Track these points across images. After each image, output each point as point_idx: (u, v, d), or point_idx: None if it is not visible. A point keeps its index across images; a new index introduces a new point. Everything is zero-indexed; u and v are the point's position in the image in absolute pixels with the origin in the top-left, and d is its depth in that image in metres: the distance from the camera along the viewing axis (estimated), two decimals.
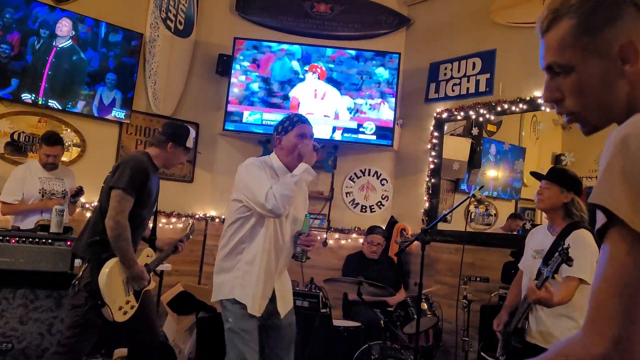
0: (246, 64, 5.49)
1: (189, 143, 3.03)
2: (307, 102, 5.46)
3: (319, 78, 5.49)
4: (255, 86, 5.48)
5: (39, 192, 4.02)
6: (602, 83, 0.90)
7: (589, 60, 0.91)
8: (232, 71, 5.47)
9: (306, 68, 5.49)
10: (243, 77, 5.50)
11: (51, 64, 4.72)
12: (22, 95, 4.59)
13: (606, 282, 0.75)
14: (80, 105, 4.89)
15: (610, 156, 0.77)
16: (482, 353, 3.47)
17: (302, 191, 2.70)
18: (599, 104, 0.92)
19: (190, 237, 3.31)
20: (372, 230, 4.75)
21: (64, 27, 4.78)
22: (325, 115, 5.42)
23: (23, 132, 4.69)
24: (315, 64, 5.50)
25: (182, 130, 3.03)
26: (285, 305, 2.66)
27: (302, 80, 5.50)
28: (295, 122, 2.64)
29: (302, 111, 5.38)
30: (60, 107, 4.78)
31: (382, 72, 5.49)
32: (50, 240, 3.26)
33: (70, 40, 4.82)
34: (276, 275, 2.61)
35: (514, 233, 4.93)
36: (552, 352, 0.82)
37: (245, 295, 2.47)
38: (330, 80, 5.49)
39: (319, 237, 2.86)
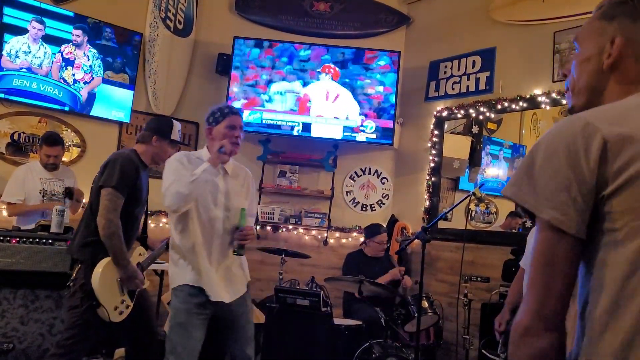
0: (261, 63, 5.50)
1: (174, 135, 3.00)
2: (319, 102, 5.45)
3: (332, 79, 5.48)
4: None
5: (40, 193, 4.02)
6: (587, 66, 1.05)
7: (589, 41, 1.06)
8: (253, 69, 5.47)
9: (319, 69, 5.48)
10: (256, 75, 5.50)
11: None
12: None
13: (532, 263, 0.90)
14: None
15: (525, 156, 0.93)
16: (483, 351, 3.47)
17: (242, 182, 2.76)
18: (580, 85, 1.06)
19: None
20: (378, 229, 4.73)
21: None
22: (335, 117, 5.41)
23: (23, 133, 4.69)
24: (328, 65, 5.49)
25: (165, 123, 3.02)
26: (232, 291, 2.66)
27: (315, 80, 5.49)
28: (226, 114, 2.69)
29: (313, 112, 5.39)
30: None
31: (382, 71, 5.49)
32: (50, 241, 3.26)
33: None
34: (212, 263, 2.61)
35: (514, 231, 4.93)
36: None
37: (177, 281, 2.60)
38: (344, 84, 5.48)
39: (254, 231, 2.86)
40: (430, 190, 5.25)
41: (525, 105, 4.61)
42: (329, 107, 5.45)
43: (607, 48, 1.01)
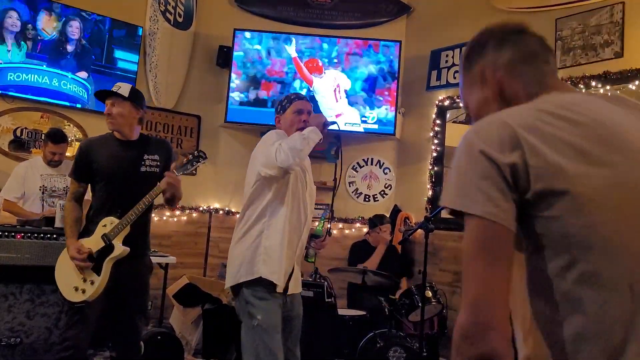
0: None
1: (117, 88, 2.81)
2: (327, 97, 5.45)
3: (343, 70, 5.47)
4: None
5: (40, 190, 4.02)
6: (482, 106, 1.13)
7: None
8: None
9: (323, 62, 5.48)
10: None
11: None
12: None
13: (464, 257, 0.89)
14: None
15: (452, 164, 0.97)
16: None
17: (310, 180, 2.71)
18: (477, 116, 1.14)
19: (193, 166, 2.87)
20: (382, 219, 4.72)
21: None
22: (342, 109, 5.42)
23: (26, 128, 4.70)
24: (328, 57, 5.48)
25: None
26: (296, 285, 2.58)
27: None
28: (293, 99, 2.66)
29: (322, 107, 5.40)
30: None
31: (383, 61, 5.47)
32: (55, 235, 3.27)
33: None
34: (297, 251, 2.55)
35: None
36: None
37: (270, 272, 2.39)
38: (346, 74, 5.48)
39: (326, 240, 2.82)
40: (433, 179, 5.25)
41: None
42: (338, 102, 5.44)
43: (484, 84, 1.10)
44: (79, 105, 4.89)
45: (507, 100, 1.05)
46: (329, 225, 2.75)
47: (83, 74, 4.92)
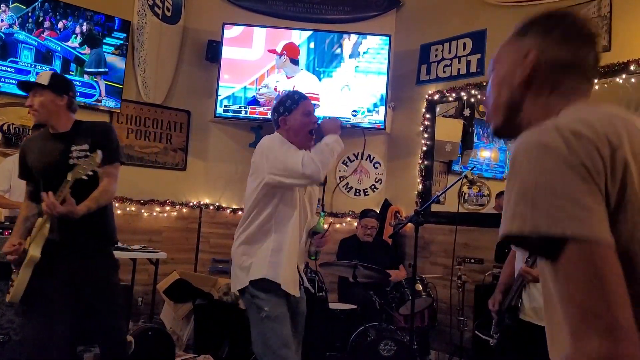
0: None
1: (39, 78, 2.66)
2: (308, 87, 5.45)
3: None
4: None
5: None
6: (503, 84, 1.05)
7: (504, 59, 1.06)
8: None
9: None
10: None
11: None
12: None
13: (569, 292, 0.78)
14: None
15: (507, 188, 0.84)
16: (476, 332, 3.51)
17: (314, 192, 2.72)
18: (497, 103, 1.06)
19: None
20: (366, 214, 4.76)
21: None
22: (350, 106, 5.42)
23: (13, 124, 4.65)
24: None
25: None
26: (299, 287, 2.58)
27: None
28: (298, 100, 2.56)
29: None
30: None
31: (373, 55, 5.47)
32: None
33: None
34: (300, 252, 2.56)
35: None
36: None
37: (277, 275, 2.38)
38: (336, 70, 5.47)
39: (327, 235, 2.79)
40: (423, 174, 5.27)
41: None
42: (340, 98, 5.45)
43: (521, 62, 1.01)
44: None
45: (533, 93, 1.00)
46: (331, 220, 2.74)
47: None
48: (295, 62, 5.45)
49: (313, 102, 5.27)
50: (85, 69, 4.94)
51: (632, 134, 0.84)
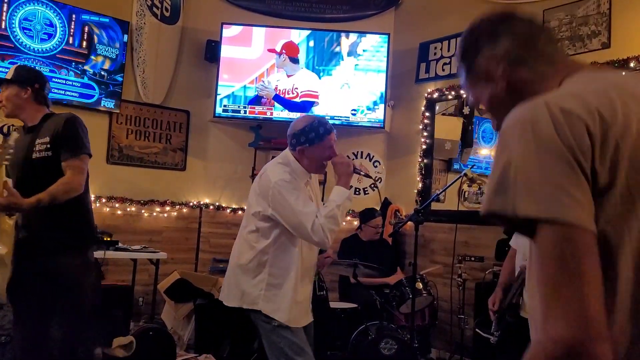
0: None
1: (7, 74, 2.62)
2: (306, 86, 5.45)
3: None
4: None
5: None
6: (490, 99, 1.08)
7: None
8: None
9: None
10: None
11: None
12: None
13: (544, 269, 0.78)
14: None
15: (495, 155, 0.84)
16: (477, 330, 3.51)
17: (317, 196, 2.64)
18: (489, 110, 1.08)
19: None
20: (373, 214, 4.72)
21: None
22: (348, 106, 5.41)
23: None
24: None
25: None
26: (309, 316, 2.56)
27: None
28: (323, 135, 2.42)
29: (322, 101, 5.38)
30: None
31: (372, 54, 5.47)
32: None
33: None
34: (308, 279, 2.49)
35: None
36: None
37: (271, 310, 2.31)
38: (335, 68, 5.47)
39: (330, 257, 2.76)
40: (423, 172, 5.27)
41: None
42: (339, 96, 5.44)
43: (495, 80, 1.02)
44: (65, 102, 4.84)
45: (519, 92, 0.99)
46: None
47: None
48: (294, 60, 5.45)
49: (312, 100, 5.35)
50: (85, 70, 4.93)
51: (629, 106, 0.82)
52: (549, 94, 0.86)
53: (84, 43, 4.94)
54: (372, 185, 5.61)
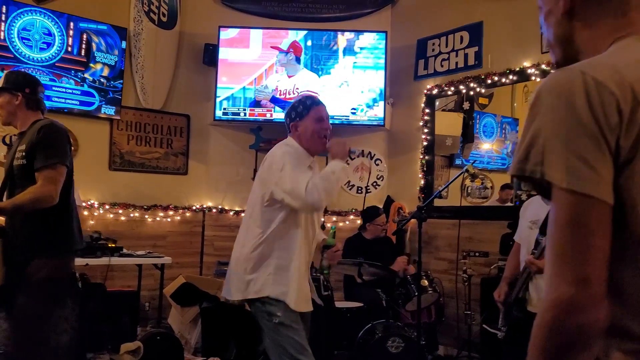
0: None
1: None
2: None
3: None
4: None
5: None
6: (550, 19, 1.00)
7: None
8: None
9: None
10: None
11: None
12: None
13: (556, 232, 0.81)
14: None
15: (524, 127, 0.85)
16: (484, 325, 3.51)
17: None
18: (551, 40, 1.02)
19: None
20: (377, 212, 4.70)
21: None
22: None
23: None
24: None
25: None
26: (308, 304, 2.54)
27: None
28: (310, 106, 2.48)
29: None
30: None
31: (370, 52, 5.46)
32: None
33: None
34: (306, 267, 2.50)
35: (510, 204, 4.95)
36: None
37: (283, 293, 2.32)
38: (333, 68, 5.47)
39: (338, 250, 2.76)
40: (425, 169, 5.26)
41: (515, 78, 4.60)
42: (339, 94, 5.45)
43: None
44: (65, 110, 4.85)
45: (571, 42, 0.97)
46: (334, 219, 2.70)
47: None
48: (299, 60, 5.46)
49: None
50: (84, 77, 4.94)
51: None
52: (587, 63, 0.86)
53: (83, 51, 4.95)
54: (362, 189, 5.62)
